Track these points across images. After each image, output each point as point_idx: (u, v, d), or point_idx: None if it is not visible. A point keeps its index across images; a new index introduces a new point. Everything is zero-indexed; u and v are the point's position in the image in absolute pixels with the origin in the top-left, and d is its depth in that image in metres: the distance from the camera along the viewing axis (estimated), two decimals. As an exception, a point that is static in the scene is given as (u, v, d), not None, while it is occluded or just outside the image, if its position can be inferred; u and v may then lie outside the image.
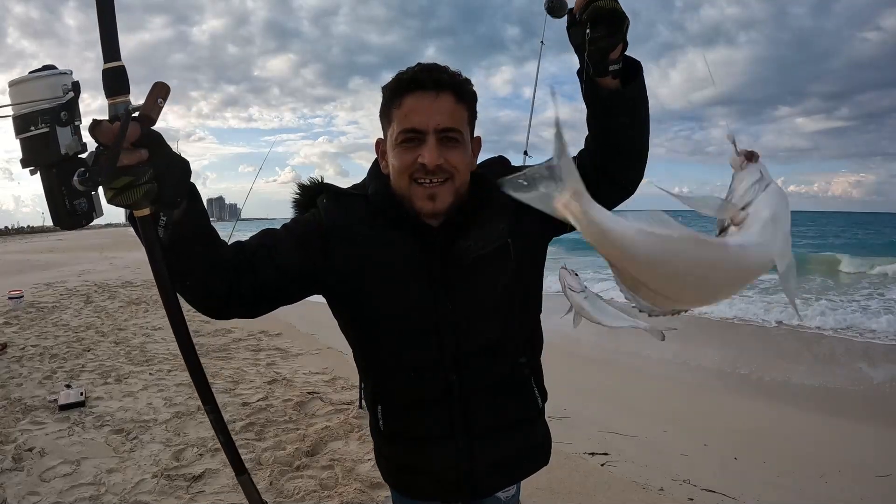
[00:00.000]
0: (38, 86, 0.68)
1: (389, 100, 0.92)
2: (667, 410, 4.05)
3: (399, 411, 1.04)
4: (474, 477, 1.02)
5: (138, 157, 0.69)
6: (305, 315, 7.21)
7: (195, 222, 0.81)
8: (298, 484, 2.52)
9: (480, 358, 0.98)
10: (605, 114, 0.87)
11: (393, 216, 0.93)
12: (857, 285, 10.86)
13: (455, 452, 1.00)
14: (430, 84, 0.88)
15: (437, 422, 1.00)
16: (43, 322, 6.71)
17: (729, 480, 2.80)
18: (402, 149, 0.89)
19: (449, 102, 0.89)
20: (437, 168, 0.88)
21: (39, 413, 3.50)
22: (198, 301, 0.89)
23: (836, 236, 32.44)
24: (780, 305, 7.46)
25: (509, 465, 1.06)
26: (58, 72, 0.70)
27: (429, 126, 0.87)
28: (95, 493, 2.47)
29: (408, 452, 1.05)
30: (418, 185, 0.89)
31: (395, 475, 1.10)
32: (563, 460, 2.83)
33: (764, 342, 6.33)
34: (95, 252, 20.67)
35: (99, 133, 0.67)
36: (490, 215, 0.94)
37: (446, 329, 0.95)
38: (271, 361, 4.80)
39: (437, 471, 1.03)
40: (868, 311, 7.64)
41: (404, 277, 0.93)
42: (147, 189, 0.70)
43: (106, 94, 0.71)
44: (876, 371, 5.06)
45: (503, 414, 1.02)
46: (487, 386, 1.00)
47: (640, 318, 0.87)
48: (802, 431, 3.68)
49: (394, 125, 0.91)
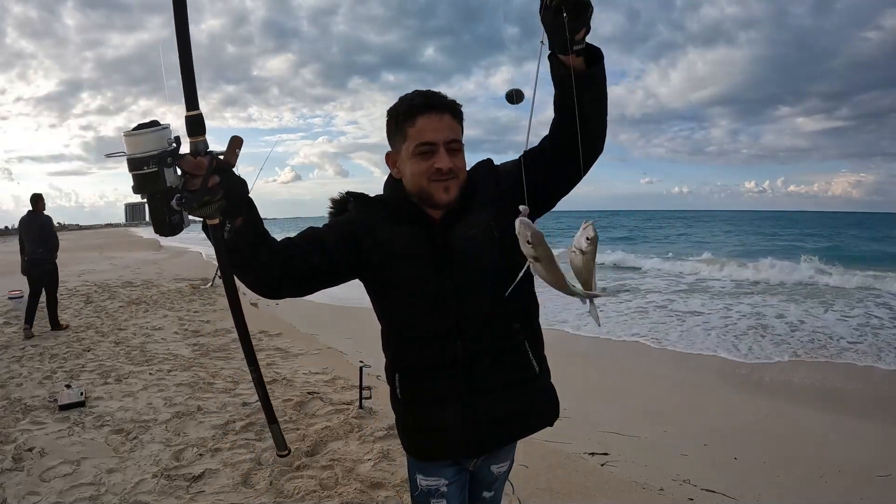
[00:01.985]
0: (151, 138, 0.88)
1: (403, 121, 1.13)
2: (667, 410, 4.05)
3: (413, 377, 1.22)
4: (478, 432, 1.19)
5: (213, 181, 0.90)
6: (305, 315, 7.23)
7: (252, 227, 1.02)
8: (298, 484, 2.52)
9: (479, 324, 1.17)
10: (570, 92, 1.03)
11: (406, 213, 1.17)
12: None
13: (461, 411, 1.18)
14: (437, 107, 1.12)
15: (446, 384, 1.18)
16: (43, 322, 6.72)
17: (729, 480, 2.80)
18: (420, 158, 1.12)
19: (450, 120, 1.13)
20: (448, 171, 1.12)
21: (39, 413, 3.50)
22: (255, 284, 1.10)
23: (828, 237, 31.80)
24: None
25: (508, 422, 1.23)
26: (163, 127, 0.90)
27: (439, 139, 1.11)
28: (95, 493, 2.47)
29: (422, 415, 1.22)
30: (436, 182, 1.13)
31: (412, 440, 1.27)
32: (563, 460, 2.83)
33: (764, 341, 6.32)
34: (95, 252, 20.70)
35: (185, 164, 0.89)
36: (477, 205, 1.17)
37: (449, 297, 1.15)
38: (271, 361, 4.80)
39: (447, 428, 1.19)
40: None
41: (414, 258, 1.15)
42: (219, 205, 0.92)
43: (188, 134, 0.93)
44: (876, 371, 5.06)
45: (501, 375, 1.20)
46: (486, 350, 1.18)
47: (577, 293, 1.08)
48: (802, 431, 3.68)
49: (409, 141, 1.13)
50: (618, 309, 8.21)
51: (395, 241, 1.16)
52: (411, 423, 1.25)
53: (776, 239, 30.09)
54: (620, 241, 27.96)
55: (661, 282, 11.86)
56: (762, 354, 5.66)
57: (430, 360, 1.19)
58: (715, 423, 3.75)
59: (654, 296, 9.72)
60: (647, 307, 8.50)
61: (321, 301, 7.83)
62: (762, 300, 9.10)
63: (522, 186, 1.10)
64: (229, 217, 0.97)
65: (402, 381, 1.23)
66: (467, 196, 1.17)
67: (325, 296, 6.85)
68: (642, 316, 7.79)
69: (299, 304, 7.65)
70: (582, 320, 6.80)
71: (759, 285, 11.11)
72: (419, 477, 1.26)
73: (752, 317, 7.54)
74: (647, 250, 20.97)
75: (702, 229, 42.61)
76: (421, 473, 1.26)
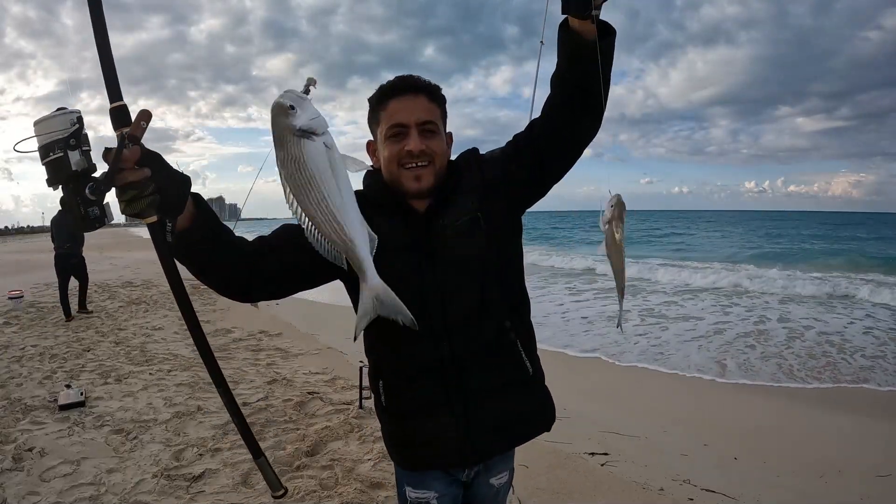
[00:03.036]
0: (53, 123, 0.84)
1: (376, 106, 1.11)
2: (667, 410, 4.05)
3: (399, 382, 1.14)
4: (471, 440, 1.11)
5: (142, 174, 0.84)
6: (306, 315, 7.23)
7: (202, 226, 0.96)
8: (298, 484, 2.52)
9: (467, 322, 1.09)
10: (580, 60, 0.97)
11: (386, 204, 1.10)
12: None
13: (452, 418, 1.10)
14: (408, 88, 1.08)
15: (433, 390, 1.11)
16: (43, 322, 6.72)
17: (729, 480, 2.80)
18: (391, 141, 1.07)
19: (424, 101, 1.08)
20: (420, 152, 1.06)
21: (39, 413, 3.50)
22: (220, 289, 1.04)
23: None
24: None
25: (505, 427, 1.15)
26: (67, 111, 0.86)
27: (411, 120, 1.06)
28: (95, 493, 2.47)
29: (410, 422, 1.14)
30: (406, 170, 1.07)
31: (400, 450, 1.19)
32: (563, 460, 2.83)
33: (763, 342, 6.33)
34: (95, 252, 20.65)
35: (107, 157, 0.83)
36: (461, 196, 1.11)
37: (433, 293, 1.08)
38: (271, 361, 4.80)
39: (436, 438, 1.12)
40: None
41: (396, 253, 1.07)
42: (150, 200, 0.85)
43: (113, 127, 0.88)
44: (875, 372, 5.06)
45: (493, 378, 1.12)
46: (476, 351, 1.10)
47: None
48: (802, 431, 3.68)
49: (382, 124, 1.09)
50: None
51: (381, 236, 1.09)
52: (399, 431, 1.18)
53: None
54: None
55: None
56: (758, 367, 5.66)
57: (416, 363, 1.10)
58: (715, 423, 3.76)
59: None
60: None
61: (321, 301, 7.83)
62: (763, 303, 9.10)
63: (512, 172, 1.08)
64: (168, 215, 0.89)
65: (387, 387, 1.16)
66: (449, 185, 1.10)
67: (326, 295, 6.86)
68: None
69: (299, 304, 7.65)
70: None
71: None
72: (408, 489, 1.18)
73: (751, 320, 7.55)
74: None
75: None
76: (410, 485, 1.18)
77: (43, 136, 0.85)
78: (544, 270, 15.00)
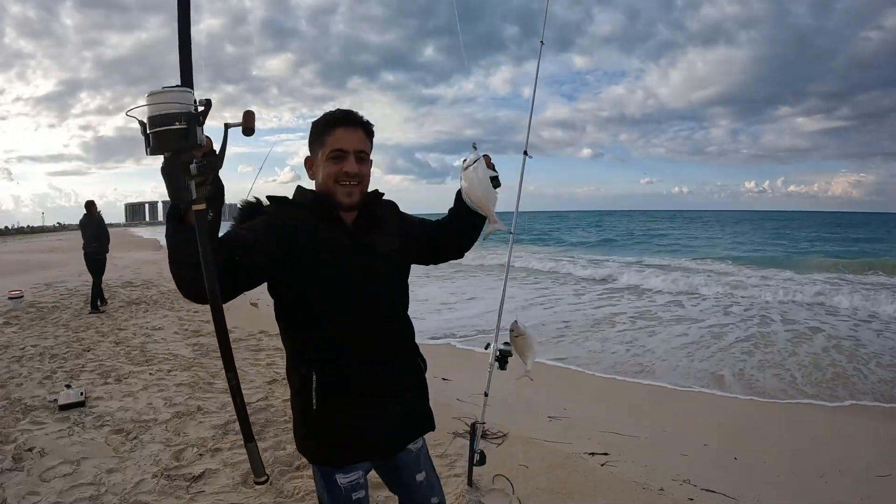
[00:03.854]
0: (178, 96, 0.89)
1: (323, 129, 1.32)
2: (667, 410, 4.05)
3: (337, 375, 1.27)
4: (389, 431, 1.32)
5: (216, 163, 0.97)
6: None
7: (218, 223, 1.05)
8: (298, 484, 2.52)
9: (390, 325, 1.34)
10: (469, 233, 1.52)
11: (323, 213, 1.31)
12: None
13: (377, 410, 1.29)
14: (351, 122, 1.32)
15: (370, 380, 1.29)
16: (43, 322, 6.72)
17: (729, 480, 2.80)
18: (332, 162, 1.30)
19: (361, 134, 1.33)
20: (354, 174, 1.30)
21: (39, 413, 3.50)
22: (193, 284, 1.05)
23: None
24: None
25: (414, 419, 1.39)
26: (191, 90, 0.92)
27: (350, 148, 1.30)
28: (95, 493, 2.47)
29: (339, 418, 1.27)
30: (341, 186, 1.30)
31: (326, 448, 1.30)
32: (563, 460, 2.83)
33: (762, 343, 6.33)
34: (95, 252, 20.63)
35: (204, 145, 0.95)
36: (387, 228, 1.39)
37: (371, 294, 1.29)
38: (271, 361, 4.80)
39: (364, 428, 1.28)
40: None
41: (333, 255, 1.27)
42: (209, 189, 0.95)
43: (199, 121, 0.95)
44: (875, 371, 5.06)
45: (406, 377, 1.37)
46: (396, 353, 1.35)
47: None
48: (802, 431, 3.68)
49: (326, 146, 1.30)
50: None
51: (313, 237, 1.26)
52: (326, 432, 1.27)
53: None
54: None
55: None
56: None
57: (348, 359, 1.26)
58: (715, 424, 3.76)
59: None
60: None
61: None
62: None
63: (420, 235, 1.49)
64: (212, 206, 0.98)
65: (322, 380, 1.25)
66: (371, 209, 1.37)
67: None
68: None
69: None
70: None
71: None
72: (339, 476, 1.29)
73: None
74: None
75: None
76: (340, 472, 1.29)
77: (163, 104, 0.88)
78: (543, 275, 15.00)
